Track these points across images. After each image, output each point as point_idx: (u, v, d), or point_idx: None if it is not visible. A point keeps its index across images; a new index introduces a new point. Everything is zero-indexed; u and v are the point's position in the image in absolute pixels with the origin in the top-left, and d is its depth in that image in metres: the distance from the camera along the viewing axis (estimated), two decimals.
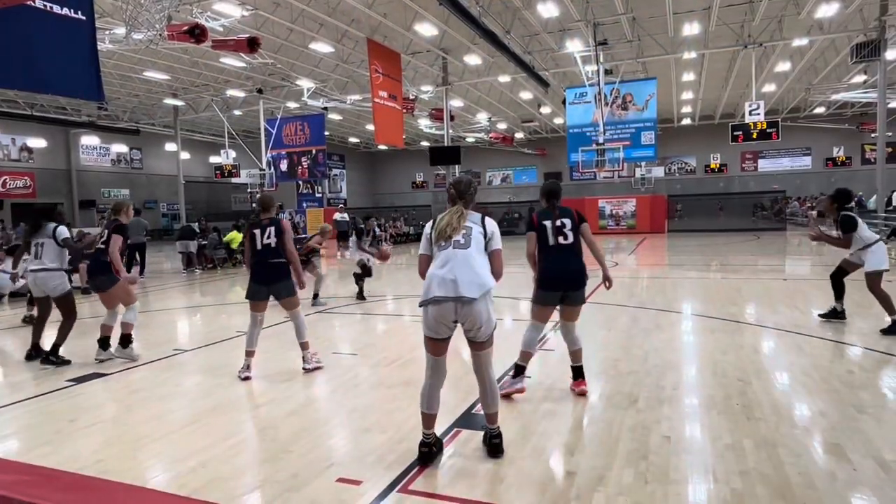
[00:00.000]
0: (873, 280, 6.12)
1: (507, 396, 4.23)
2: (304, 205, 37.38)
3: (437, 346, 3.23)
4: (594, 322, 7.08)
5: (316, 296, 8.97)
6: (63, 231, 5.90)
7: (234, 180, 27.87)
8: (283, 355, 5.93)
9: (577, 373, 4.41)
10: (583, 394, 4.31)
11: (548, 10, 17.17)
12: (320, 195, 39.82)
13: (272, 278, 5.08)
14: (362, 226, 10.22)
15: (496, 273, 3.27)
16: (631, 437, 3.50)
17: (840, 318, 6.53)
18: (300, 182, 37.17)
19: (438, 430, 3.70)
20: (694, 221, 27.02)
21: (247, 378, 4.99)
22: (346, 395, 4.51)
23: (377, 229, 10.82)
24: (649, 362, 5.16)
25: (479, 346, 3.23)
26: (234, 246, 16.25)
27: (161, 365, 5.66)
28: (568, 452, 3.37)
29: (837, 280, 6.58)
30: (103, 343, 5.81)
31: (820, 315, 6.72)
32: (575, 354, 4.39)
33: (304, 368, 5.21)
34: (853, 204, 6.75)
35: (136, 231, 13.30)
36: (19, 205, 27.51)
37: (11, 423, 4.15)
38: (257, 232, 5.10)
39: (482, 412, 3.39)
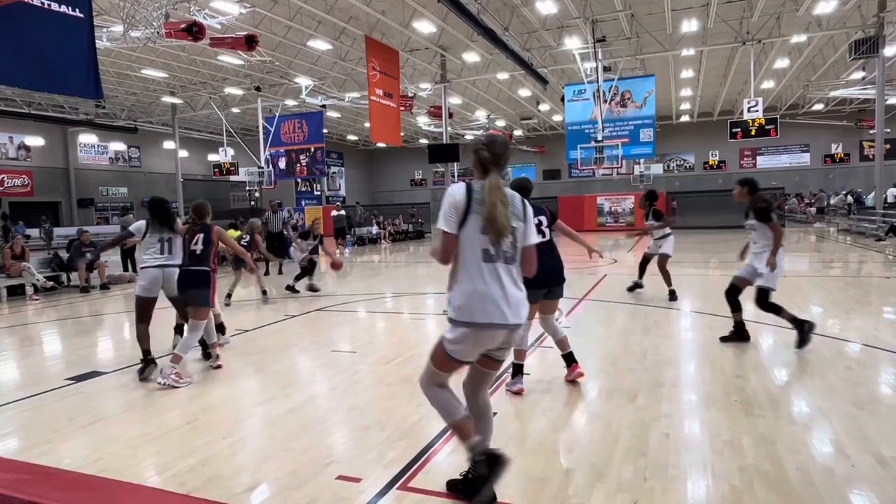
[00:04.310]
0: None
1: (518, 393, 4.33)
2: (303, 203, 37.42)
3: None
4: (593, 319, 7.09)
5: (264, 292, 9.35)
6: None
7: (232, 178, 27.86)
8: (282, 353, 5.94)
9: (570, 359, 4.55)
10: (580, 376, 4.50)
11: (546, 7, 17.16)
12: (319, 193, 39.82)
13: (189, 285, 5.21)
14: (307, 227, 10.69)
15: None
16: (630, 434, 3.51)
17: (744, 339, 5.60)
18: (299, 180, 37.22)
19: (437, 427, 3.70)
20: (692, 218, 27.03)
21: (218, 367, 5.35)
22: (346, 393, 4.52)
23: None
24: (648, 359, 5.17)
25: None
26: None
27: (159, 363, 5.64)
28: (567, 449, 3.37)
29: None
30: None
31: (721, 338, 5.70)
32: (562, 343, 4.56)
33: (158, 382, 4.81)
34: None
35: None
36: (17, 203, 27.48)
37: (10, 421, 4.15)
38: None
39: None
